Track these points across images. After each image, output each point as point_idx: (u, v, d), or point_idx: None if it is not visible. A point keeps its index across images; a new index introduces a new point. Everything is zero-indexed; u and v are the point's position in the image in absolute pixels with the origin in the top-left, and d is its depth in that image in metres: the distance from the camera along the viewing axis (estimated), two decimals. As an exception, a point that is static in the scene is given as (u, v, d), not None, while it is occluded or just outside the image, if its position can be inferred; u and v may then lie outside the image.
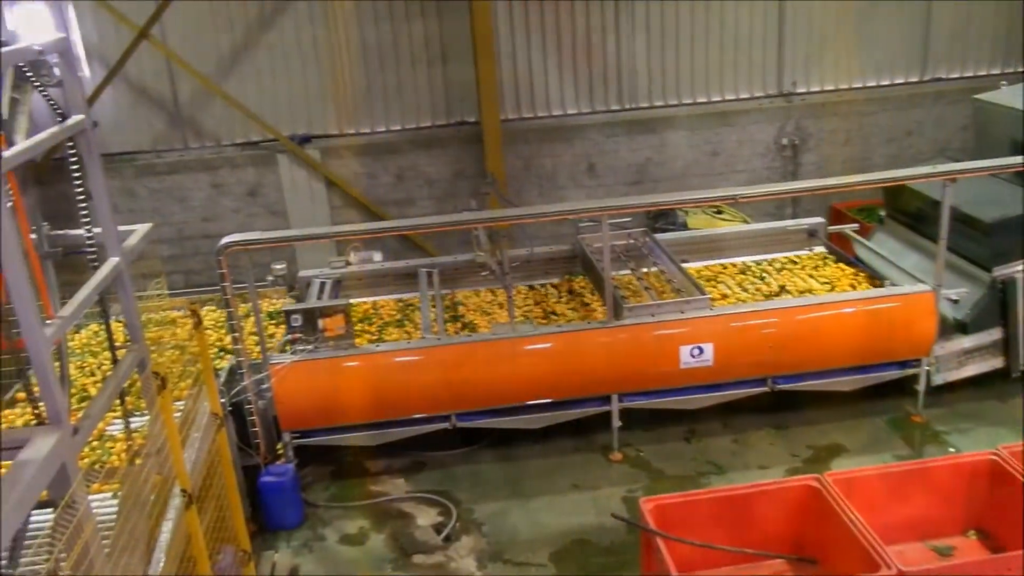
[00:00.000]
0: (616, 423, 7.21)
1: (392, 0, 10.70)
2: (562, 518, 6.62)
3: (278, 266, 7.81)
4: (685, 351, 6.96)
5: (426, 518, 6.76)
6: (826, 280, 7.92)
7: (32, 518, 3.68)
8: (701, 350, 6.97)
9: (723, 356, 7.00)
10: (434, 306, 7.62)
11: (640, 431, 7.53)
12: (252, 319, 6.93)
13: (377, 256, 8.40)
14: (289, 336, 6.88)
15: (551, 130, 11.47)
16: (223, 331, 7.73)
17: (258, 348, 6.95)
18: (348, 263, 8.30)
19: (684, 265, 7.95)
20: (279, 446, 7.01)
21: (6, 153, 3.01)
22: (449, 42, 10.95)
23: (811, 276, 8.04)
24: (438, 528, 6.61)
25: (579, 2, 10.96)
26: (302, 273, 8.31)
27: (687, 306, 7.11)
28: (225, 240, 6.59)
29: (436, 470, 7.34)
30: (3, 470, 3.54)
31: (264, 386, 6.74)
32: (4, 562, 3.61)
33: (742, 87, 11.68)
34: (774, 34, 11.44)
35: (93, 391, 6.46)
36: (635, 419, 7.38)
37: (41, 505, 3.47)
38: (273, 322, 7.97)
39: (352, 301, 7.66)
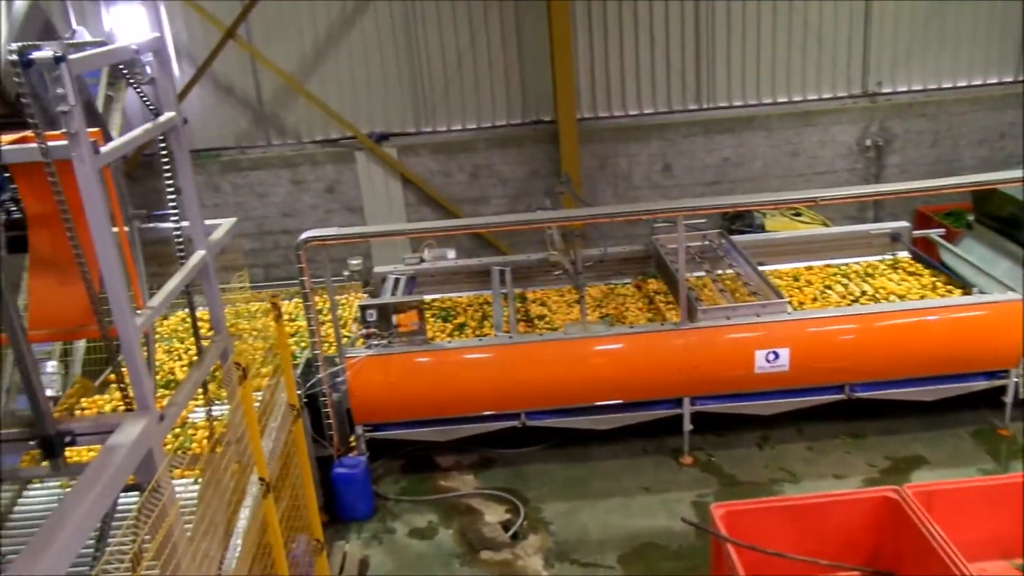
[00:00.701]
0: (688, 427, 7.12)
1: (471, 0, 10.78)
2: (631, 520, 6.58)
3: (354, 261, 7.95)
4: (760, 355, 6.84)
5: (494, 515, 6.80)
6: (909, 286, 7.68)
7: (119, 500, 3.83)
8: (777, 355, 6.84)
9: (800, 362, 6.85)
10: (506, 304, 7.65)
11: (712, 436, 7.44)
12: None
13: (451, 254, 8.48)
14: (364, 331, 7.00)
15: (627, 129, 11.41)
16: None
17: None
18: (422, 260, 8.41)
19: (761, 268, 7.81)
20: (352, 438, 7.14)
21: (104, 148, 3.13)
22: (526, 41, 10.98)
23: (893, 282, 7.81)
24: (506, 525, 6.65)
25: (658, 1, 10.88)
26: (377, 269, 8.44)
27: (763, 310, 6.98)
28: (304, 235, 6.76)
29: (505, 467, 7.38)
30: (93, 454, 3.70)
31: (339, 379, 6.88)
32: (93, 542, 3.78)
33: (825, 86, 11.42)
34: (859, 32, 11.15)
35: (180, 374, 6.72)
36: (707, 423, 7.29)
37: (127, 489, 3.61)
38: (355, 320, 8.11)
39: (425, 298, 7.74)
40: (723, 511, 5.10)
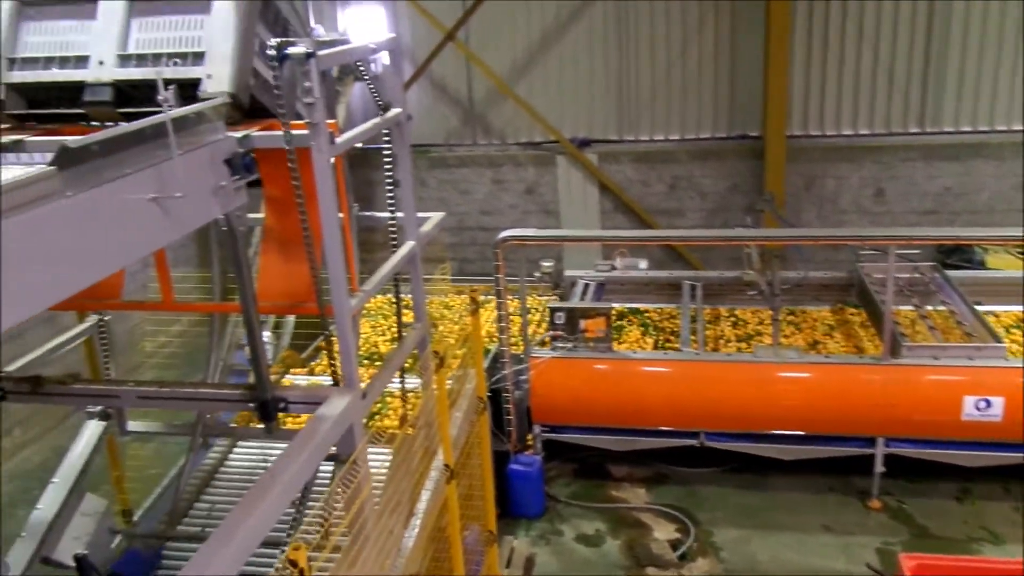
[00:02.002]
0: (879, 468, 6.71)
1: (686, 0, 10.64)
2: (807, 559, 6.28)
3: (547, 263, 8.06)
4: (969, 402, 6.34)
5: (663, 532, 6.70)
6: None
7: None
8: (989, 403, 6.31)
9: (1015, 414, 6.28)
10: (695, 320, 7.51)
11: (904, 481, 6.97)
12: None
13: (642, 264, 8.42)
14: (551, 332, 7.10)
15: (839, 150, 10.88)
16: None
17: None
18: (613, 267, 8.40)
19: (978, 308, 7.23)
20: (529, 437, 7.25)
21: (339, 139, 3.36)
22: (739, 53, 10.72)
23: None
24: (674, 544, 6.53)
25: (887, 2, 10.24)
26: (568, 272, 8.51)
27: (977, 353, 6.46)
28: (504, 234, 6.94)
29: (678, 485, 7.25)
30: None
31: (523, 377, 7.01)
32: (294, 510, 4.06)
33: (1071, 116, 10.38)
34: (1119, 56, 10.05)
35: (383, 348, 7.11)
36: (901, 467, 6.83)
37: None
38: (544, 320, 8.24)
39: (614, 306, 7.74)
40: (915, 563, 4.78)
